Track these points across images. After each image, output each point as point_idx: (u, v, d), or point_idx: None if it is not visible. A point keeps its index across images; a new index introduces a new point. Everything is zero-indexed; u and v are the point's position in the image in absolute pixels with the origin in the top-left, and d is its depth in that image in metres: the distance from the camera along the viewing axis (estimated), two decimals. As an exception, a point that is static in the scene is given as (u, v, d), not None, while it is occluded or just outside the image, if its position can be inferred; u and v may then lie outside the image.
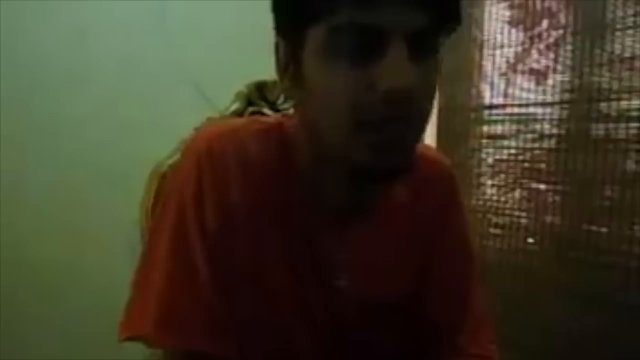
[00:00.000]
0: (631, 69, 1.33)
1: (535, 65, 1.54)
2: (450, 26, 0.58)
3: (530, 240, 1.54)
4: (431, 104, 0.61)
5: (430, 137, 1.74)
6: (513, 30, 1.61)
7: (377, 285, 0.71)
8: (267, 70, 1.08)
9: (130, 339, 0.66)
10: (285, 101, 1.00)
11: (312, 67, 0.59)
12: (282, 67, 0.63)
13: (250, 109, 0.98)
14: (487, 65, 1.68)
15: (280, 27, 0.62)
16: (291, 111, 1.02)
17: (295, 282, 0.68)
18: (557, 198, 1.48)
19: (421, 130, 0.62)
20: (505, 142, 1.61)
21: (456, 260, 0.79)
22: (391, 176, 0.61)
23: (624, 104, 1.34)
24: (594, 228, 1.39)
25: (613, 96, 1.36)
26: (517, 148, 1.58)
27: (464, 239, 0.81)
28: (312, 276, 0.69)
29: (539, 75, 1.53)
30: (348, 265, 0.69)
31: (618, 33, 1.35)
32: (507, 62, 1.62)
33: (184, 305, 0.64)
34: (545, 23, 1.52)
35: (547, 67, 1.51)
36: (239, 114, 0.97)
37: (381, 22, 0.54)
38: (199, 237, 0.64)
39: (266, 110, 0.99)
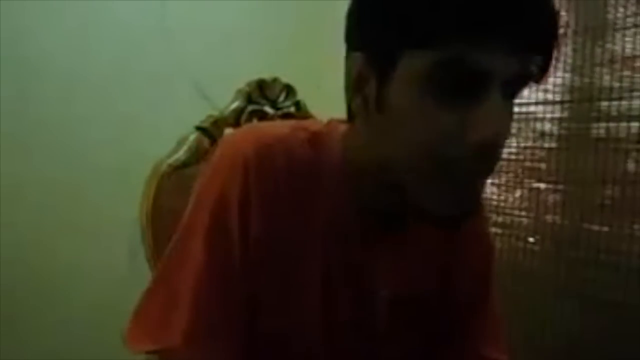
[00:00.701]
0: (632, 68, 1.32)
1: (535, 65, 1.54)
2: (541, 74, 0.55)
3: (531, 239, 1.54)
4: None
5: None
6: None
7: (407, 292, 0.71)
8: (266, 68, 1.09)
9: (153, 352, 0.62)
10: (286, 99, 1.00)
11: (402, 95, 0.55)
12: (355, 82, 0.59)
13: (251, 107, 0.98)
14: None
15: (365, 43, 0.58)
16: (292, 109, 1.02)
17: (327, 288, 0.67)
18: (558, 197, 1.48)
19: (490, 175, 0.59)
20: (506, 141, 1.61)
21: (480, 261, 0.79)
22: (458, 223, 0.58)
23: (624, 103, 1.34)
24: (594, 227, 1.39)
25: (614, 96, 1.36)
26: (517, 147, 1.58)
27: (487, 240, 0.82)
28: (344, 281, 0.68)
29: (540, 75, 1.53)
30: (381, 273, 0.69)
31: (619, 33, 1.35)
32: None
33: (221, 318, 0.62)
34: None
35: (548, 66, 1.51)
36: (239, 111, 0.97)
37: (489, 65, 0.51)
38: (242, 241, 0.62)
39: (267, 109, 0.99)
